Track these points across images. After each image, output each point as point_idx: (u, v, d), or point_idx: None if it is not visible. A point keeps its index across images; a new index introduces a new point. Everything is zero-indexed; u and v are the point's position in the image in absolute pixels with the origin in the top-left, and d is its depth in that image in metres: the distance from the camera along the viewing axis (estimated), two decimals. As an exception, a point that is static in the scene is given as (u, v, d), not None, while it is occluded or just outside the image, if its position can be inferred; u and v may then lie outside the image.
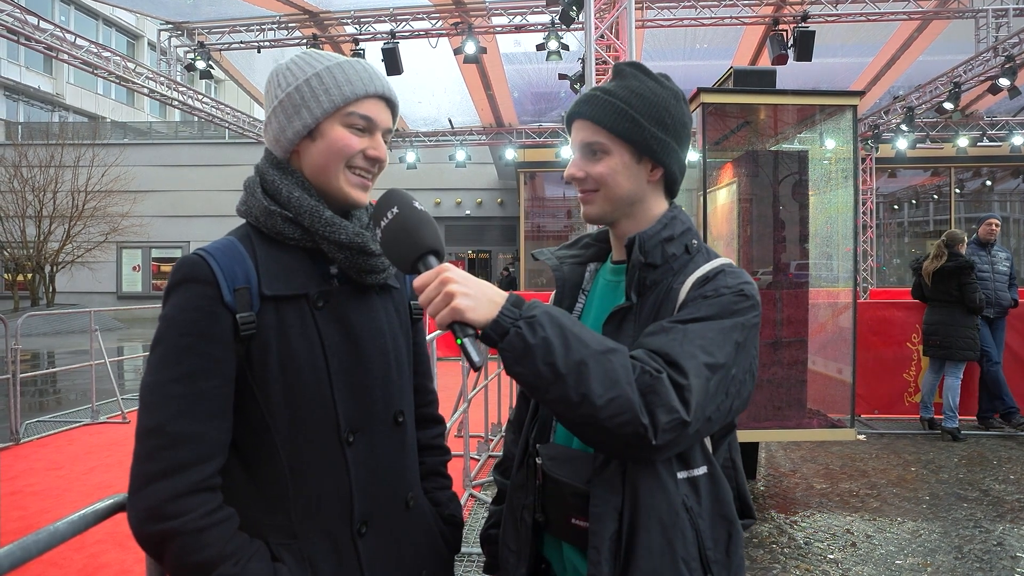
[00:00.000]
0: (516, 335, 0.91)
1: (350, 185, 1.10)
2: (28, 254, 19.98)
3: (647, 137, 1.12)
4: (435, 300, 0.93)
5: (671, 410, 0.91)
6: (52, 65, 28.18)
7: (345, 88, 1.08)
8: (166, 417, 0.96)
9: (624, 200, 1.14)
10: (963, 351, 5.49)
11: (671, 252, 1.11)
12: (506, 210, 21.20)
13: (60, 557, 3.27)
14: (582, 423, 0.93)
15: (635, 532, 1.00)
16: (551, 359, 0.90)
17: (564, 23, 7.90)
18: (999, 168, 18.45)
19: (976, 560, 3.38)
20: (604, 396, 0.89)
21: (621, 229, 1.17)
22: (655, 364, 0.94)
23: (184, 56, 10.69)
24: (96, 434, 6.01)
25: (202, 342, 0.98)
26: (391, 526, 1.14)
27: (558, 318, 0.94)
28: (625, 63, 1.20)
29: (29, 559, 0.83)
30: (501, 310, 0.93)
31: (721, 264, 1.09)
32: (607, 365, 0.91)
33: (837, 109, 4.35)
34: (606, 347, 0.93)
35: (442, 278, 0.93)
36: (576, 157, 1.15)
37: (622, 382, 0.91)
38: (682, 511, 1.03)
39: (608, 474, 1.02)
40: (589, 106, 1.13)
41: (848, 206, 4.46)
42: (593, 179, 1.13)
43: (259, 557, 0.99)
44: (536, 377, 0.91)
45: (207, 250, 1.03)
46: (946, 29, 10.05)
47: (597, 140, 1.12)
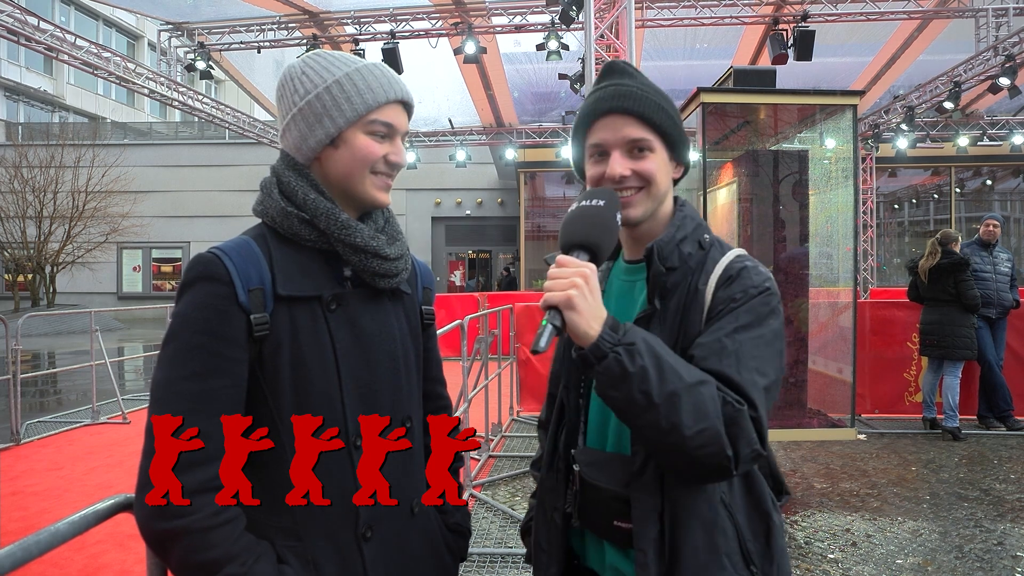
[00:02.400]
0: (615, 361, 0.92)
1: (375, 188, 1.12)
2: (28, 254, 19.99)
3: (681, 135, 1.15)
4: (560, 282, 0.94)
5: (751, 443, 0.95)
6: (52, 66, 28.17)
7: (367, 96, 1.08)
8: (175, 414, 0.96)
9: (660, 198, 1.14)
10: (960, 350, 5.47)
11: (687, 252, 1.11)
12: (506, 210, 21.20)
13: (61, 558, 3.27)
14: (668, 450, 0.95)
15: (678, 532, 1.02)
16: (646, 388, 0.92)
17: (564, 23, 7.90)
18: (999, 167, 18.45)
19: (977, 560, 3.38)
20: (693, 428, 0.92)
21: (641, 228, 1.16)
22: (736, 396, 0.97)
23: (184, 56, 10.70)
24: (97, 434, 6.01)
25: (214, 341, 0.98)
26: (396, 532, 1.13)
27: (654, 347, 0.95)
28: (622, 62, 1.19)
29: (30, 559, 0.83)
30: (601, 333, 0.94)
31: (737, 256, 1.11)
32: (697, 397, 0.93)
33: (837, 108, 4.35)
34: (697, 379, 0.95)
35: (581, 271, 0.95)
36: (617, 155, 1.11)
37: (711, 415, 0.93)
38: (720, 508, 1.05)
39: (647, 478, 1.04)
40: (632, 101, 1.10)
41: (848, 206, 4.46)
42: (641, 177, 1.11)
43: (265, 558, 0.99)
44: (629, 403, 0.93)
45: (222, 249, 1.03)
46: (946, 28, 10.05)
47: (644, 136, 1.11)
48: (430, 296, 1.31)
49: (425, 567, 1.18)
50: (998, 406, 5.80)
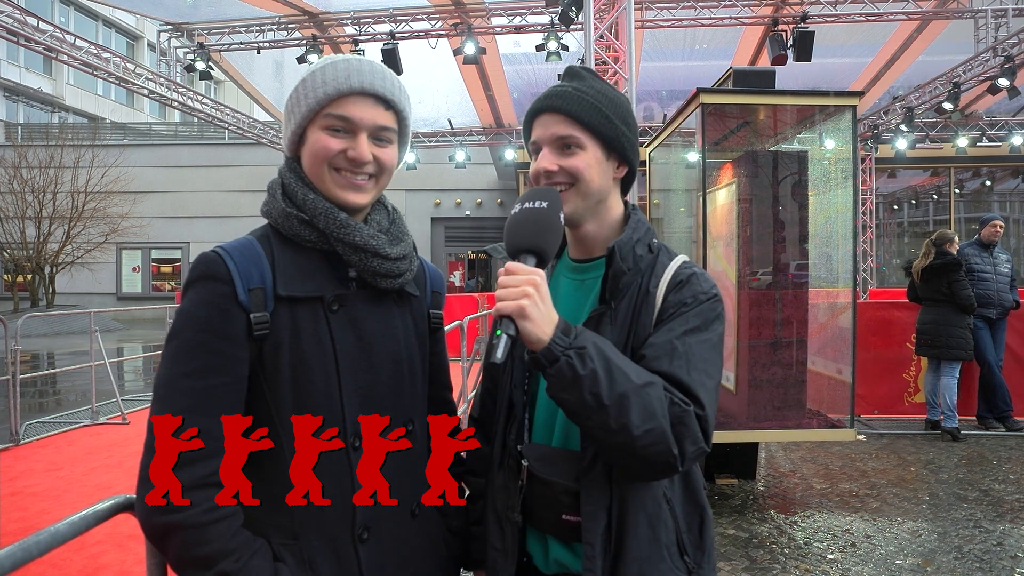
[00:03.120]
0: (566, 364, 0.95)
1: (337, 187, 1.08)
2: (28, 255, 19.98)
3: (618, 134, 1.15)
4: (512, 291, 0.96)
5: (696, 440, 0.99)
6: (52, 66, 28.18)
7: (319, 90, 1.06)
8: (175, 411, 0.96)
9: (594, 197, 1.16)
10: (954, 350, 5.48)
11: (639, 254, 1.14)
12: (505, 210, 21.19)
13: (60, 558, 3.27)
14: (617, 449, 0.99)
15: (624, 525, 1.07)
16: (596, 390, 0.95)
17: (563, 24, 7.91)
18: (998, 168, 18.46)
19: (976, 560, 3.38)
20: (642, 428, 0.95)
21: (584, 229, 1.19)
22: (683, 396, 1.00)
23: (184, 57, 10.70)
24: (96, 435, 6.00)
25: (215, 339, 0.99)
26: (395, 534, 1.13)
27: (604, 350, 0.98)
28: (579, 66, 1.22)
29: (29, 560, 0.83)
30: (553, 337, 0.96)
31: (684, 263, 1.15)
32: (646, 399, 0.96)
33: (836, 109, 4.34)
34: (645, 380, 0.98)
35: (531, 279, 0.97)
36: (546, 151, 1.14)
37: (658, 415, 0.96)
38: (663, 501, 1.11)
39: (596, 473, 1.08)
40: (562, 100, 1.13)
41: (847, 206, 4.46)
42: (568, 173, 1.13)
43: (261, 555, 0.99)
44: (580, 405, 0.96)
45: (225, 248, 1.04)
46: (945, 29, 10.06)
47: (571, 134, 1.13)
48: (439, 300, 1.30)
49: (425, 569, 1.17)
50: (997, 407, 5.81)
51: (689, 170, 5.15)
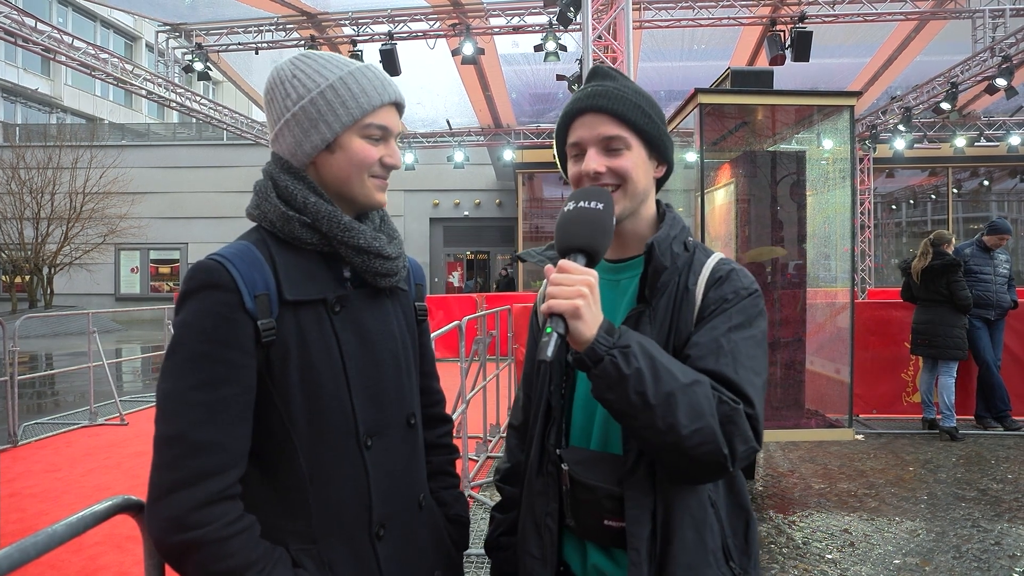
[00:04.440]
0: (611, 363, 0.93)
1: (374, 190, 1.13)
2: (26, 256, 19.94)
3: (660, 133, 1.14)
4: (566, 289, 0.94)
5: (747, 440, 0.97)
6: (50, 67, 28.14)
7: (362, 100, 1.08)
8: (186, 425, 0.95)
9: (640, 197, 1.15)
10: (951, 350, 5.48)
11: (676, 251, 1.12)
12: (504, 211, 21.19)
13: (58, 559, 3.27)
14: (665, 449, 0.96)
15: (670, 531, 1.04)
16: (642, 389, 0.93)
17: (562, 24, 7.91)
18: (996, 168, 18.49)
19: (974, 560, 3.38)
20: (689, 427, 0.93)
21: (624, 227, 1.16)
22: (731, 395, 0.98)
23: (182, 58, 10.69)
24: (94, 436, 6.00)
25: (222, 349, 0.98)
26: (406, 528, 1.15)
27: (649, 349, 0.97)
28: (607, 66, 1.21)
29: (27, 561, 0.82)
30: (596, 336, 0.94)
31: (722, 259, 1.14)
32: (692, 397, 0.94)
33: (834, 109, 4.35)
34: (692, 379, 0.97)
35: (586, 280, 0.95)
36: (592, 152, 1.12)
37: (706, 414, 0.95)
38: (708, 506, 1.08)
39: (639, 476, 1.05)
40: (607, 100, 1.11)
41: (845, 206, 4.47)
42: (616, 174, 1.11)
43: (282, 564, 0.99)
44: (627, 405, 0.94)
45: (224, 255, 1.01)
46: (943, 29, 10.07)
47: (619, 134, 1.11)
48: (422, 292, 1.33)
49: (434, 559, 1.20)
50: (996, 406, 5.81)
51: (687, 170, 5.16)
